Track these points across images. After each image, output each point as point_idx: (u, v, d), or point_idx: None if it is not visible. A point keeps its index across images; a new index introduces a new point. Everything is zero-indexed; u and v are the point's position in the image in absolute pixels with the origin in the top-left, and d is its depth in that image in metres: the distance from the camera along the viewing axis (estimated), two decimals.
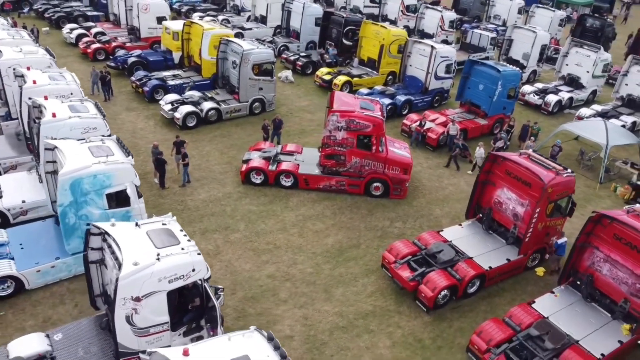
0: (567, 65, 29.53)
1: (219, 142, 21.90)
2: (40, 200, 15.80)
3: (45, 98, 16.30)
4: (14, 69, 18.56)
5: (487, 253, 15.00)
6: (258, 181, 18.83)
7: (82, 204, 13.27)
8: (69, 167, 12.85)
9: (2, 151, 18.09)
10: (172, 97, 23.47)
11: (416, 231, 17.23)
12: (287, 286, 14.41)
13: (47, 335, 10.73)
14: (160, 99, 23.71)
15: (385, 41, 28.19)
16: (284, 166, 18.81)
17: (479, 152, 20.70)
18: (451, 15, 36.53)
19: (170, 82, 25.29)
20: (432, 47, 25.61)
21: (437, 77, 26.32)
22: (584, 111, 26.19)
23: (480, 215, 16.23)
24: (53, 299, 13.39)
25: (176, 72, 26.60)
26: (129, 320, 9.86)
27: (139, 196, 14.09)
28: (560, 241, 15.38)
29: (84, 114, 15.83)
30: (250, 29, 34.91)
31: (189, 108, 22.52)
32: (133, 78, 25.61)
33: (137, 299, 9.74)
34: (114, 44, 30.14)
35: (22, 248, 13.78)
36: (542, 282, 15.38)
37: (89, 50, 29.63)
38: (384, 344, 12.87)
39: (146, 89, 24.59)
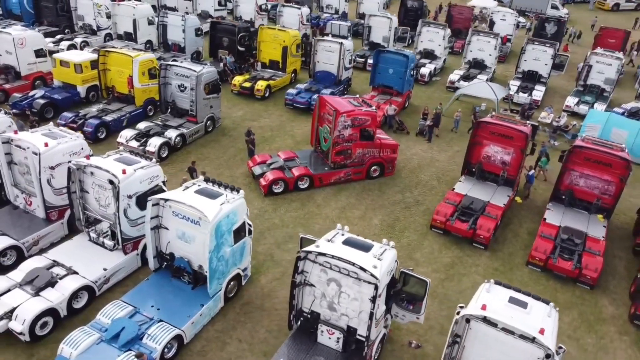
0: (421, 42, 36.20)
1: (204, 166, 22.10)
2: (120, 262, 15.11)
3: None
4: None
5: (494, 196, 19.83)
6: (279, 190, 20.28)
7: (220, 245, 13.70)
8: (210, 214, 13.16)
9: (20, 229, 16.01)
10: (129, 132, 22.45)
11: (422, 196, 21.23)
12: None
13: None
14: (102, 137, 22.97)
15: (287, 42, 30.68)
16: (300, 171, 20.61)
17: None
18: (306, 10, 40.23)
19: (108, 118, 23.81)
20: (340, 43, 29.14)
21: (345, 69, 30.09)
22: (453, 77, 33.17)
23: (473, 169, 20.97)
24: (214, 344, 13.67)
25: (100, 106, 24.89)
26: None
27: None
28: (530, 173, 21.09)
29: (141, 164, 15.41)
30: (120, 48, 33.18)
31: (159, 139, 22.02)
32: (61, 121, 23.23)
33: None
34: None
35: (158, 309, 13.51)
36: (527, 206, 20.98)
37: None
38: (477, 280, 16.69)
39: (88, 129, 22.73)
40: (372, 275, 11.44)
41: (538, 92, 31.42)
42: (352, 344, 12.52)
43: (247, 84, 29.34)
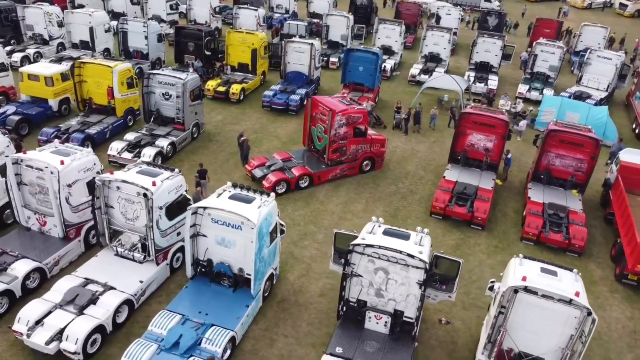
0: (379, 39, 37.71)
1: None
2: (153, 273, 15.29)
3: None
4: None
5: (481, 180, 21.54)
6: (282, 191, 20.89)
7: (261, 247, 14.27)
8: (254, 218, 13.68)
9: (38, 250, 15.68)
10: (119, 144, 22.17)
11: (413, 186, 22.64)
12: None
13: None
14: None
15: (256, 45, 31.09)
16: (300, 171, 21.33)
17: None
18: (262, 12, 40.59)
19: (92, 131, 23.30)
20: (311, 44, 29.94)
21: (315, 68, 30.95)
22: (413, 71, 34.94)
23: (458, 157, 22.60)
24: (262, 342, 14.24)
25: (78, 119, 24.23)
26: None
27: None
28: (508, 156, 23.04)
29: (166, 175, 15.59)
30: (78, 57, 32.14)
31: (153, 149, 21.93)
32: (42, 137, 22.48)
33: None
34: None
35: (207, 314, 13.89)
36: (507, 187, 22.92)
37: None
38: (482, 258, 18.27)
39: (74, 144, 22.09)
40: (420, 260, 12.53)
41: (493, 82, 33.84)
42: (398, 326, 13.56)
43: (222, 88, 29.49)
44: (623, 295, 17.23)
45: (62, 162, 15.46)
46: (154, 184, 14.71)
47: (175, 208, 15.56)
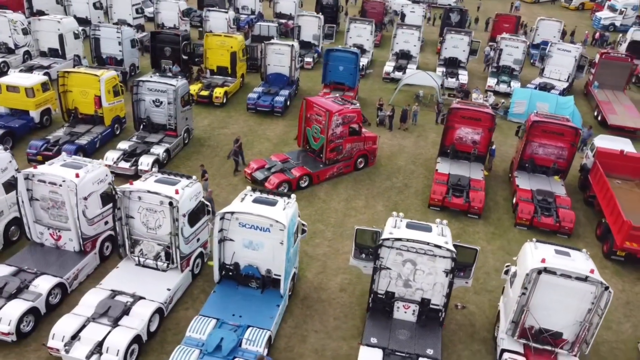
0: (350, 37, 38.50)
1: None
2: (179, 280, 15.47)
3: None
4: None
5: (471, 172, 22.72)
6: (284, 191, 21.32)
7: (289, 247, 14.70)
8: (283, 220, 14.11)
9: (56, 266, 15.50)
10: (114, 153, 21.93)
11: (407, 180, 23.58)
12: None
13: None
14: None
15: (235, 48, 31.20)
16: (300, 171, 21.80)
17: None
18: (232, 14, 40.52)
19: (83, 141, 22.88)
20: (291, 45, 30.34)
21: (295, 69, 31.39)
22: (387, 68, 35.97)
23: (447, 151, 23.69)
24: (295, 339, 14.70)
25: (64, 130, 23.69)
26: None
27: None
28: (492, 147, 24.34)
29: (185, 183, 15.74)
30: (49, 66, 31.35)
31: (150, 157, 21.81)
32: (32, 150, 21.90)
33: None
34: None
35: (240, 316, 14.22)
36: (492, 177, 24.23)
37: None
38: (482, 245, 19.37)
39: (68, 156, 21.67)
40: (448, 250, 13.37)
41: (463, 77, 35.33)
42: (425, 313, 14.36)
43: (205, 92, 29.45)
44: (612, 270, 18.75)
45: (77, 175, 15.34)
46: (177, 192, 14.85)
47: (196, 215, 15.76)
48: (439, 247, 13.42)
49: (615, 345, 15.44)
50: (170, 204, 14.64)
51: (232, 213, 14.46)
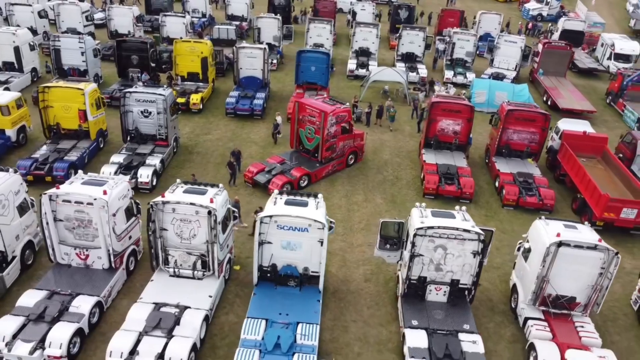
0: (311, 37, 39.30)
1: None
2: (218, 286, 15.84)
3: None
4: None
5: (455, 160, 24.42)
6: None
7: (326, 245, 15.49)
8: (321, 218, 14.90)
9: (90, 285, 15.38)
10: (110, 167, 21.57)
11: (397, 172, 24.93)
12: None
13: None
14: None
15: (205, 53, 31.18)
16: (300, 172, 22.49)
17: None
18: (189, 18, 40.07)
19: (72, 157, 22.29)
20: (264, 49, 30.73)
21: (268, 72, 31.86)
22: (350, 66, 37.18)
23: (430, 142, 25.25)
24: (337, 330, 15.55)
25: (48, 147, 22.94)
26: None
27: None
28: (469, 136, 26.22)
29: (214, 191, 16.08)
30: (6, 80, 29.92)
31: (148, 169, 21.67)
32: (20, 171, 20.90)
33: None
34: None
35: (287, 315, 14.85)
36: (470, 163, 26.06)
37: None
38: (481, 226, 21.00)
39: (59, 174, 21.11)
40: (476, 232, 14.73)
41: (422, 70, 37.21)
42: (455, 293, 15.67)
43: (181, 99, 29.25)
44: None
45: (104, 192, 15.26)
46: (211, 200, 15.19)
47: (226, 221, 16.16)
48: (468, 231, 14.73)
49: (612, 304, 17.51)
50: (209, 212, 14.95)
51: (271, 217, 15.02)
